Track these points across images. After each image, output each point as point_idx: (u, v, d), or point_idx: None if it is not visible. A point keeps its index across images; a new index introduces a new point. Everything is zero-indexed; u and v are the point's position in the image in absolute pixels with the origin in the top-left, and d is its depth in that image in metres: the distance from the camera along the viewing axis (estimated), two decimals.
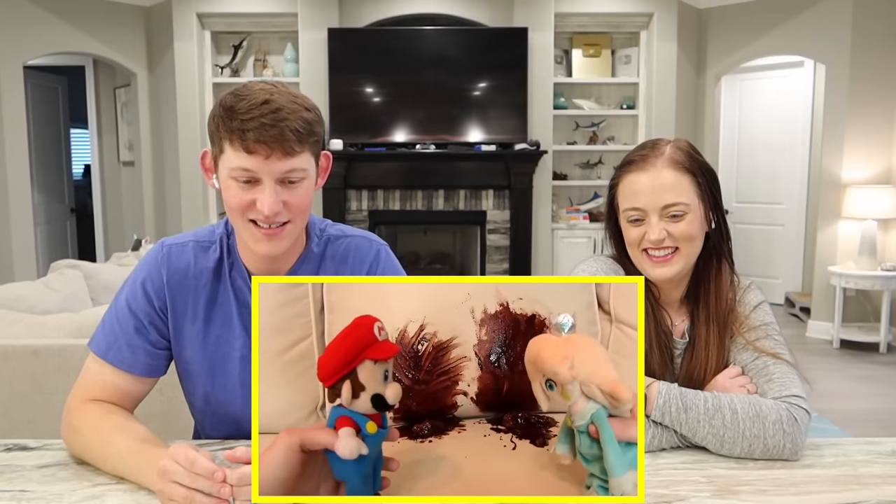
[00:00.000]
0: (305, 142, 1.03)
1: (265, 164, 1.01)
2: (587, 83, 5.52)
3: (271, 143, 1.00)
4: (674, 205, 1.17)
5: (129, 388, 1.14)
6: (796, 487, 0.99)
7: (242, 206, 1.04)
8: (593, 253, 5.19)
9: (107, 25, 5.31)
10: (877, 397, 3.89)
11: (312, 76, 5.17)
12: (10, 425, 1.94)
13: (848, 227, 4.89)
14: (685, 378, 1.24)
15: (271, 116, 1.00)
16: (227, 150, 1.03)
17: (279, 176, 1.03)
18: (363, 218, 5.24)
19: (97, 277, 2.77)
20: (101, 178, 6.35)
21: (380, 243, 1.24)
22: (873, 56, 4.76)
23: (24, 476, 1.01)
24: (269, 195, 1.02)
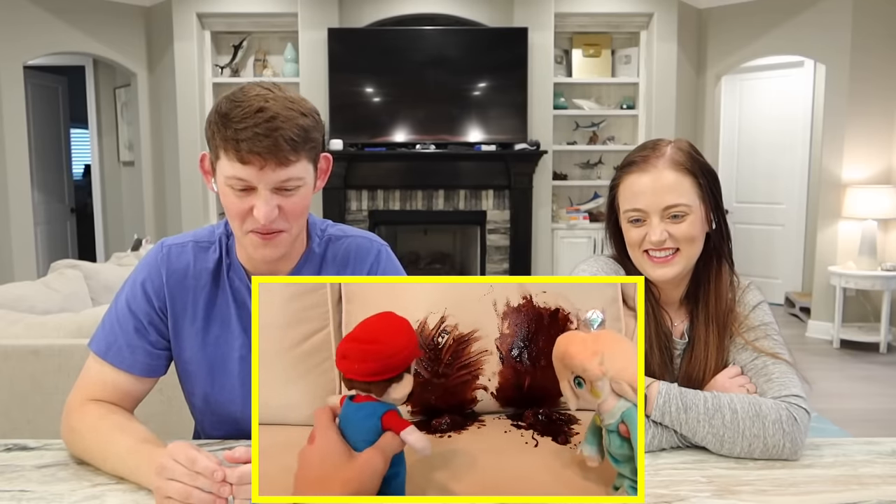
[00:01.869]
0: (301, 149, 1.02)
1: (260, 175, 1.00)
2: (587, 83, 5.52)
3: (265, 154, 0.98)
4: (675, 206, 1.17)
5: (128, 388, 1.14)
6: (796, 487, 0.99)
7: (240, 214, 1.04)
8: (593, 253, 5.19)
9: (107, 25, 5.31)
10: (877, 397, 3.89)
11: (312, 76, 5.17)
12: (10, 425, 1.94)
13: (848, 227, 4.89)
14: (684, 378, 1.24)
15: (265, 126, 0.98)
16: (223, 158, 1.02)
17: (274, 185, 1.02)
18: (363, 218, 5.24)
19: (97, 277, 2.77)
20: (101, 178, 6.35)
21: (380, 243, 1.24)
22: (873, 56, 4.76)
23: (24, 476, 1.01)
24: (263, 204, 1.01)
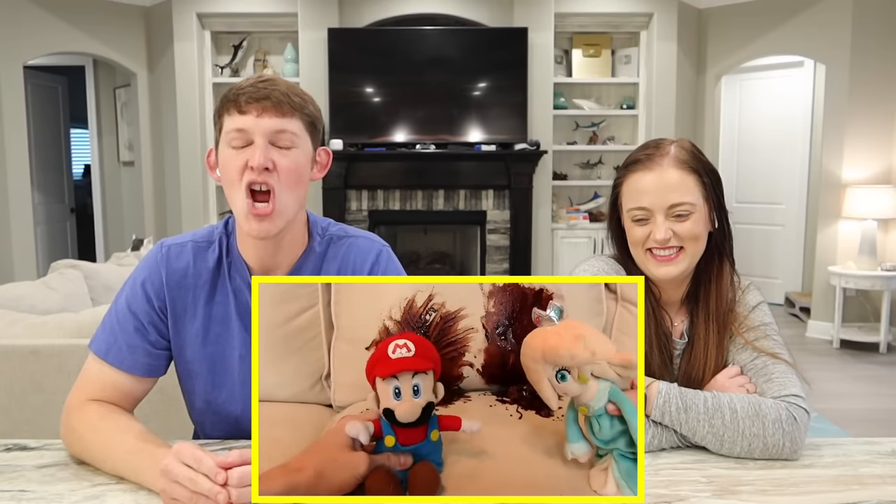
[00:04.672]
0: (297, 110, 1.09)
1: (257, 122, 1.06)
2: (587, 83, 5.52)
3: (262, 101, 1.07)
4: (679, 204, 1.17)
5: (128, 388, 1.14)
6: (796, 487, 0.99)
7: (238, 170, 1.07)
8: (593, 253, 5.19)
9: (107, 25, 5.31)
10: (877, 397, 3.89)
11: (312, 76, 5.17)
12: (10, 425, 1.94)
13: (848, 227, 4.89)
14: (684, 378, 1.24)
15: (264, 83, 1.08)
16: (226, 121, 1.09)
17: (270, 135, 1.07)
18: (363, 218, 5.24)
19: (97, 277, 2.77)
20: (101, 178, 6.35)
21: (381, 244, 1.25)
22: (873, 56, 4.76)
23: (24, 476, 1.01)
24: (259, 148, 1.06)
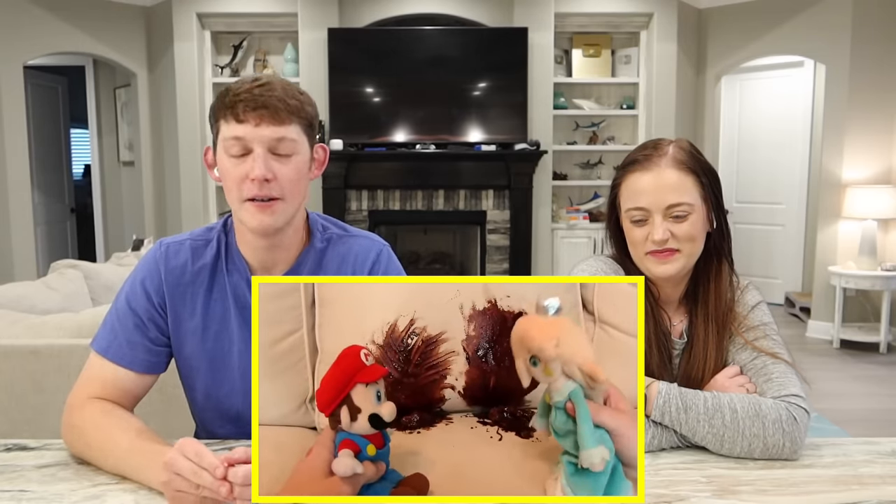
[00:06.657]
0: (295, 115, 1.08)
1: (255, 132, 1.05)
2: (587, 83, 5.52)
3: (260, 110, 1.05)
4: (677, 205, 1.17)
5: (129, 385, 1.15)
6: (796, 487, 0.99)
7: (237, 180, 1.07)
8: (593, 253, 5.19)
9: (107, 25, 5.31)
10: (876, 397, 3.89)
11: (312, 76, 5.17)
12: (10, 425, 1.94)
13: (848, 227, 4.89)
14: (684, 378, 1.24)
15: (261, 89, 1.06)
16: (223, 128, 1.08)
17: (269, 143, 1.06)
18: (363, 218, 5.24)
19: (97, 277, 2.77)
20: (101, 178, 6.35)
21: (382, 244, 1.26)
22: (873, 56, 4.76)
23: (24, 476, 1.02)
24: (259, 159, 1.05)
